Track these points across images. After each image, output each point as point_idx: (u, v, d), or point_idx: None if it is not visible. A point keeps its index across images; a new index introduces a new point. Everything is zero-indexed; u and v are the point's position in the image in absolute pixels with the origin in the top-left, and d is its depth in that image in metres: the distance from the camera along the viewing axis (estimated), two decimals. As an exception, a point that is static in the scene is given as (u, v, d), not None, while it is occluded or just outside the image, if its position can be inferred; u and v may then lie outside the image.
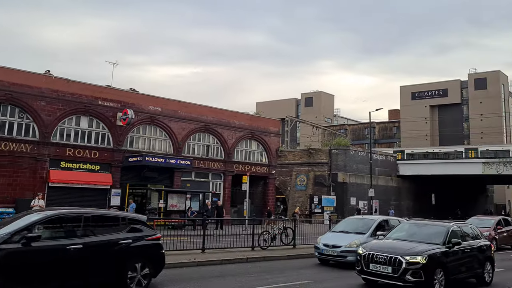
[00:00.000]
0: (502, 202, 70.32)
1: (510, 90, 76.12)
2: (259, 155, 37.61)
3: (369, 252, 10.44)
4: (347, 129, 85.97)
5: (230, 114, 36.19)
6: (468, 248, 11.25)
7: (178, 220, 26.22)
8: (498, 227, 21.88)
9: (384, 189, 46.85)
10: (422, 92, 78.75)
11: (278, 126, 40.40)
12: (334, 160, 44.40)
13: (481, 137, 68.02)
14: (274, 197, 39.85)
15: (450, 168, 48.34)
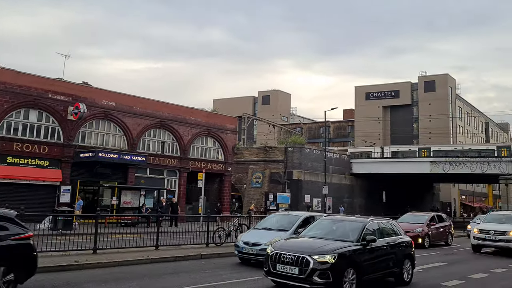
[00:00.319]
0: (448, 200, 73.67)
1: (457, 93, 79.66)
2: (215, 152, 37.54)
3: (276, 252, 9.56)
4: (303, 128, 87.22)
5: (186, 110, 35.90)
6: (386, 245, 10.63)
7: (131, 217, 25.77)
8: (432, 223, 22.15)
9: (338, 187, 47.95)
10: (375, 93, 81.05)
11: (235, 123, 40.47)
12: (290, 158, 44.98)
13: (430, 137, 70.91)
14: (230, 194, 39.93)
15: (401, 167, 50.10)
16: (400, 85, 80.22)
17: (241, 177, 46.44)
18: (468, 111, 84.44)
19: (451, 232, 23.91)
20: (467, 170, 46.58)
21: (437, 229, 22.43)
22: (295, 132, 73.18)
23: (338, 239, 9.96)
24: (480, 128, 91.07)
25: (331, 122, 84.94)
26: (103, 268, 11.96)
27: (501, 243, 18.82)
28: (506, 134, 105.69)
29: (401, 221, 22.56)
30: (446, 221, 23.98)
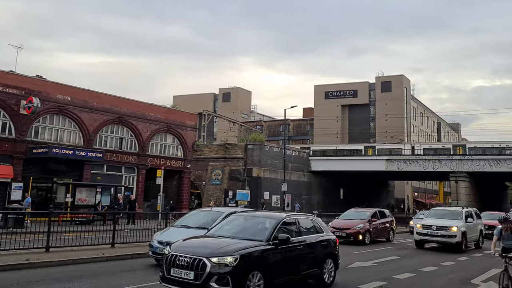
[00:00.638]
0: (402, 196, 76.16)
1: (411, 94, 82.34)
2: (174, 149, 37.17)
3: (173, 253, 8.27)
4: (263, 126, 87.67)
5: (145, 106, 35.34)
6: (303, 244, 9.63)
7: (86, 215, 25.16)
8: (373, 219, 21.86)
9: (297, 184, 48.58)
10: (334, 92, 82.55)
11: (195, 120, 40.20)
12: (250, 156, 45.16)
13: (385, 136, 73.01)
14: (189, 192, 39.66)
15: (358, 164, 51.38)
16: (358, 84, 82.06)
17: (201, 174, 46.22)
18: (422, 111, 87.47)
19: (393, 228, 23.63)
20: (420, 168, 48.33)
21: (378, 225, 22.17)
22: (255, 129, 73.48)
23: (247, 238, 8.80)
24: (433, 128, 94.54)
25: (291, 120, 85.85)
26: (56, 266, 11.66)
27: (443, 238, 18.88)
28: (457, 134, 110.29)
29: (343, 217, 22.84)
30: (388, 217, 23.72)
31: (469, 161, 46.05)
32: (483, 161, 45.59)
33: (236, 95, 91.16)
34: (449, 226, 18.83)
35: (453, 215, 20.14)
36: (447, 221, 19.32)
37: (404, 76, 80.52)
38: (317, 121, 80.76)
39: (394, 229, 23.82)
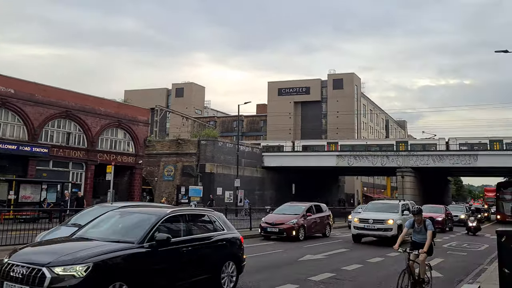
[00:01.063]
0: (351, 191, 78.34)
1: (362, 91, 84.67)
2: (125, 144, 36.37)
3: (9, 262, 6.47)
4: (216, 121, 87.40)
5: (95, 100, 34.34)
6: (192, 245, 7.97)
7: (31, 212, 24.15)
8: (308, 214, 20.79)
9: (250, 180, 48.84)
10: (287, 89, 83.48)
11: (147, 115, 39.49)
12: (203, 151, 44.92)
13: (337, 132, 74.73)
14: (140, 188, 38.97)
15: (310, 160, 52.32)
16: (311, 82, 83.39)
17: (153, 170, 45.50)
18: (371, 108, 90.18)
19: (329, 223, 22.53)
20: (369, 163, 49.90)
21: (314, 220, 21.06)
22: (208, 125, 73.12)
23: (117, 239, 7.11)
24: (381, 125, 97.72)
25: (245, 116, 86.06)
26: (-3, 266, 11.12)
27: (379, 231, 18.51)
28: (404, 130, 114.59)
29: (277, 212, 21.80)
30: (325, 212, 22.63)
31: (414, 157, 48.02)
32: (427, 157, 47.67)
33: (189, 90, 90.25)
34: (385, 219, 18.49)
35: (390, 208, 19.90)
36: (384, 214, 18.99)
37: (355, 74, 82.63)
38: (271, 117, 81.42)
39: (331, 224, 22.88)
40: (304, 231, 19.88)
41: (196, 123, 70.32)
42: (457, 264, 14.17)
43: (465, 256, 16.24)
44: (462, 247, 19.36)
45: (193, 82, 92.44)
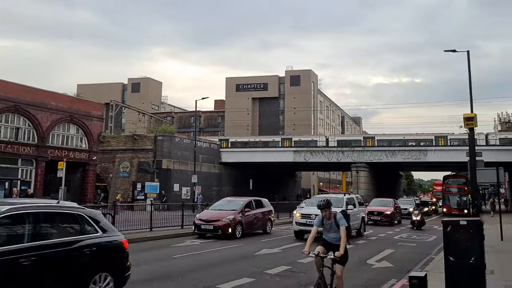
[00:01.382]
0: (308, 186, 79.58)
1: (318, 88, 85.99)
2: (78, 140, 35.32)
3: None
4: (174, 117, 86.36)
5: (46, 94, 33.10)
6: (41, 254, 5.97)
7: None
8: (247, 209, 19.24)
9: (207, 176, 48.63)
10: (245, 85, 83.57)
11: (102, 110, 38.50)
12: (159, 147, 44.31)
13: (294, 128, 75.60)
14: (94, 185, 37.98)
15: (267, 156, 52.69)
16: (269, 78, 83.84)
17: (107, 166, 44.42)
18: (328, 105, 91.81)
19: (271, 219, 21.13)
20: (325, 159, 50.85)
21: (253, 216, 19.57)
22: (165, 121, 72.12)
23: None
24: (337, 121, 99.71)
25: (202, 112, 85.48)
26: None
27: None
28: (359, 127, 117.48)
29: (213, 208, 20.22)
30: (266, 207, 21.14)
31: (368, 152, 49.37)
32: (380, 152, 49.12)
33: (146, 85, 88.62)
34: None
35: (334, 203, 19.87)
36: None
37: (312, 71, 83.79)
38: (228, 113, 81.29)
39: (272, 220, 21.54)
40: (241, 228, 18.39)
41: (152, 118, 69.25)
42: (406, 255, 14.72)
43: (414, 247, 16.91)
44: (412, 238, 20.15)
45: (149, 77, 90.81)
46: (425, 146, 49.20)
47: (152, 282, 9.38)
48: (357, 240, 18.59)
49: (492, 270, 10.42)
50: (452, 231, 6.92)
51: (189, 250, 14.39)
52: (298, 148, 52.61)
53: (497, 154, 42.56)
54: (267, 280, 9.97)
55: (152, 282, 9.38)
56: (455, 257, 6.80)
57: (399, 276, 10.57)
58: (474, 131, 19.38)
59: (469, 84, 20.30)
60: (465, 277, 6.66)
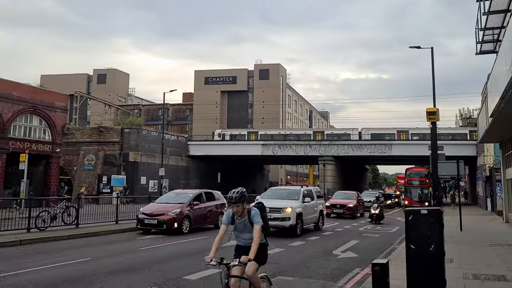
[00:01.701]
0: (276, 180, 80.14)
1: (287, 82, 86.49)
2: (41, 132, 34.26)
3: None
4: (141, 109, 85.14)
5: (7, 84, 31.86)
6: None
7: None
8: (196, 202, 17.90)
9: (175, 169, 48.28)
10: (214, 78, 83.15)
11: (65, 101, 37.44)
12: (126, 140, 43.64)
13: (262, 122, 75.86)
14: (58, 178, 36.98)
15: (236, 149, 52.70)
16: (238, 71, 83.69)
17: (72, 159, 43.39)
18: (296, 99, 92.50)
19: (223, 212, 18.33)
20: (293, 152, 51.31)
21: (202, 209, 18.21)
22: (133, 113, 70.96)
23: None
24: (305, 115, 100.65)
25: (171, 104, 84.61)
26: None
27: (276, 221, 16.19)
28: (326, 121, 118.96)
29: (159, 201, 19.07)
30: (218, 200, 19.70)
31: (335, 146, 50.11)
32: (347, 146, 49.97)
33: (112, 77, 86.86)
34: (283, 207, 16.54)
35: (290, 195, 18.17)
36: (282, 201, 17.15)
37: (281, 65, 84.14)
38: (197, 106, 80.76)
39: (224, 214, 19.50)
40: (189, 222, 17.08)
41: (119, 111, 67.98)
42: (371, 245, 15.09)
43: (378, 238, 17.36)
44: (376, 229, 20.65)
45: (116, 69, 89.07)
46: (390, 140, 50.29)
47: (115, 275, 9.29)
48: (315, 235, 17.70)
49: (451, 259, 10.84)
50: (413, 220, 7.14)
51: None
52: (266, 142, 52.86)
53: (458, 148, 44.05)
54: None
55: (115, 275, 9.29)
56: (416, 245, 7.02)
57: (363, 265, 10.86)
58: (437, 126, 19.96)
59: (433, 80, 20.88)
60: (425, 264, 6.89)
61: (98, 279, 8.72)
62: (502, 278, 8.90)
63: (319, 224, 19.58)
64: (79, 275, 9.00)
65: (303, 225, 17.53)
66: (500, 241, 15.11)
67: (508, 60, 10.97)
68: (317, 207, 19.56)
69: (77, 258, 11.01)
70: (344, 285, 8.75)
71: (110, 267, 10.10)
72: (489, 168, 31.84)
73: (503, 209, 24.41)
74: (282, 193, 18.84)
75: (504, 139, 21.96)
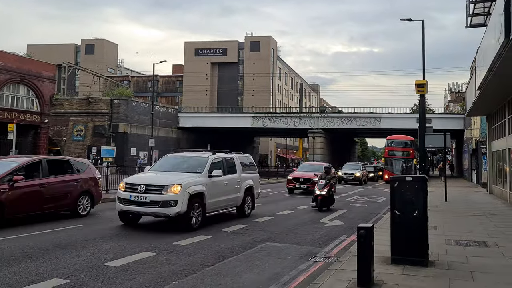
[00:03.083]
0: (266, 152, 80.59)
1: (278, 55, 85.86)
2: (29, 102, 33.94)
3: None
4: (130, 81, 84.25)
5: (-7, 53, 31.38)
6: None
7: None
8: (19, 177, 11.09)
9: (165, 140, 48.26)
10: (204, 50, 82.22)
11: (53, 71, 36.99)
12: (116, 111, 43.37)
13: (252, 94, 75.64)
14: (47, 148, 36.87)
15: (226, 121, 52.71)
16: (228, 43, 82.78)
17: (61, 130, 43.14)
18: (287, 72, 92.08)
19: (90, 192, 13.16)
20: (283, 124, 51.47)
21: (37, 188, 11.57)
22: (122, 84, 70.20)
23: None
24: (296, 88, 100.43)
25: (160, 76, 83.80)
26: None
27: (153, 207, 10.55)
28: (317, 94, 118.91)
29: None
30: (81, 172, 13.17)
31: (325, 119, 50.34)
32: (337, 119, 50.22)
33: (100, 47, 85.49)
34: (168, 185, 10.64)
35: (192, 166, 12.20)
36: (171, 175, 11.38)
37: (272, 37, 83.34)
38: (187, 78, 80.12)
39: (94, 195, 13.32)
40: (1, 210, 10.48)
41: (108, 82, 67.11)
42: (358, 214, 15.43)
43: (365, 207, 17.73)
44: (364, 200, 21.04)
45: (104, 39, 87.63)
46: (379, 114, 50.55)
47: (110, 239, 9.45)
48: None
49: (435, 227, 11.19)
50: (398, 186, 7.34)
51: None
52: (257, 114, 52.87)
53: (446, 122, 44.52)
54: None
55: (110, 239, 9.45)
56: (401, 211, 7.24)
57: (350, 232, 11.17)
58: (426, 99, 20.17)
59: (423, 53, 20.96)
60: (409, 229, 7.13)
61: (90, 244, 8.85)
62: (483, 244, 9.25)
63: (245, 207, 13.68)
64: (71, 241, 9.14)
65: (205, 212, 11.40)
66: (483, 210, 15.55)
67: (496, 32, 11.08)
68: (240, 184, 13.41)
69: (70, 225, 11.14)
70: (330, 251, 9.03)
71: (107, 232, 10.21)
72: (476, 141, 32.31)
73: (488, 181, 24.96)
74: (180, 162, 12.68)
75: (490, 112, 22.27)
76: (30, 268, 6.91)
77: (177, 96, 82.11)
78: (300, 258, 8.21)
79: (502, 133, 19.54)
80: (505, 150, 18.81)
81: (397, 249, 7.24)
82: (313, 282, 6.22)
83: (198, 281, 6.48)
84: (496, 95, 17.08)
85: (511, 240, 9.67)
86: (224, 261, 7.77)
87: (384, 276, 6.45)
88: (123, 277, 6.57)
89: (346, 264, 7.24)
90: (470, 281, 6.36)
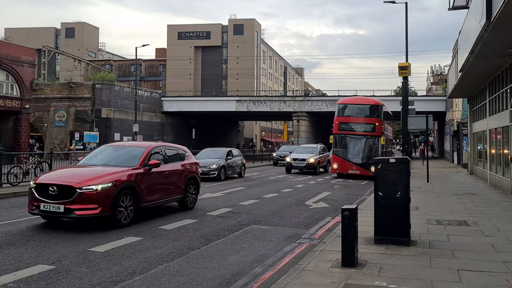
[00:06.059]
0: (250, 136, 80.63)
1: (262, 38, 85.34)
2: (9, 87, 33.19)
3: None
4: (112, 65, 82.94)
5: (-32, 36, 30.50)
6: None
7: None
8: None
9: (149, 125, 47.88)
10: (188, 33, 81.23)
11: (33, 55, 36.14)
12: (98, 96, 42.76)
13: (237, 78, 75.27)
14: (28, 134, 36.27)
15: (210, 105, 52.41)
16: (212, 26, 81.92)
17: (42, 115, 42.43)
18: (271, 55, 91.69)
19: None
20: (267, 108, 51.40)
21: None
22: (104, 69, 69.12)
23: None
24: (280, 71, 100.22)
25: (143, 60, 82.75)
26: None
27: None
28: (301, 77, 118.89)
29: None
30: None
31: (309, 102, 50.42)
32: (321, 102, 50.33)
33: (81, 31, 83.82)
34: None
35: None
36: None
37: (256, 20, 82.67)
38: (170, 62, 79.26)
39: None
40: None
41: (89, 66, 65.97)
42: (342, 196, 15.62)
43: (349, 190, 17.95)
44: (348, 182, 21.27)
45: (85, 22, 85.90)
46: (364, 96, 50.78)
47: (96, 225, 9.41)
48: (297, 184, 19.18)
49: (417, 207, 11.41)
50: (382, 168, 7.43)
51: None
52: (241, 98, 52.70)
53: (428, 104, 44.96)
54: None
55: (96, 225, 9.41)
56: (384, 192, 7.35)
57: (334, 214, 11.31)
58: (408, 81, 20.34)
59: (406, 35, 21.06)
60: (392, 210, 7.26)
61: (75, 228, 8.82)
62: (463, 223, 9.46)
63: None
64: (54, 228, 9.08)
65: None
66: (464, 191, 15.87)
67: (478, 14, 11.16)
68: None
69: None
70: (315, 232, 9.15)
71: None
72: (457, 123, 32.78)
73: (468, 162, 25.43)
74: None
75: (472, 94, 22.57)
76: (14, 255, 6.86)
77: (160, 80, 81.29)
78: (285, 240, 8.31)
79: (483, 114, 19.86)
80: (485, 132, 19.14)
81: (380, 230, 7.38)
82: (298, 263, 6.31)
83: (185, 265, 6.52)
84: (477, 77, 17.30)
85: (490, 219, 9.91)
86: (210, 244, 7.82)
87: (368, 256, 6.58)
88: (109, 262, 6.58)
89: (330, 245, 7.35)
90: (450, 259, 6.52)
